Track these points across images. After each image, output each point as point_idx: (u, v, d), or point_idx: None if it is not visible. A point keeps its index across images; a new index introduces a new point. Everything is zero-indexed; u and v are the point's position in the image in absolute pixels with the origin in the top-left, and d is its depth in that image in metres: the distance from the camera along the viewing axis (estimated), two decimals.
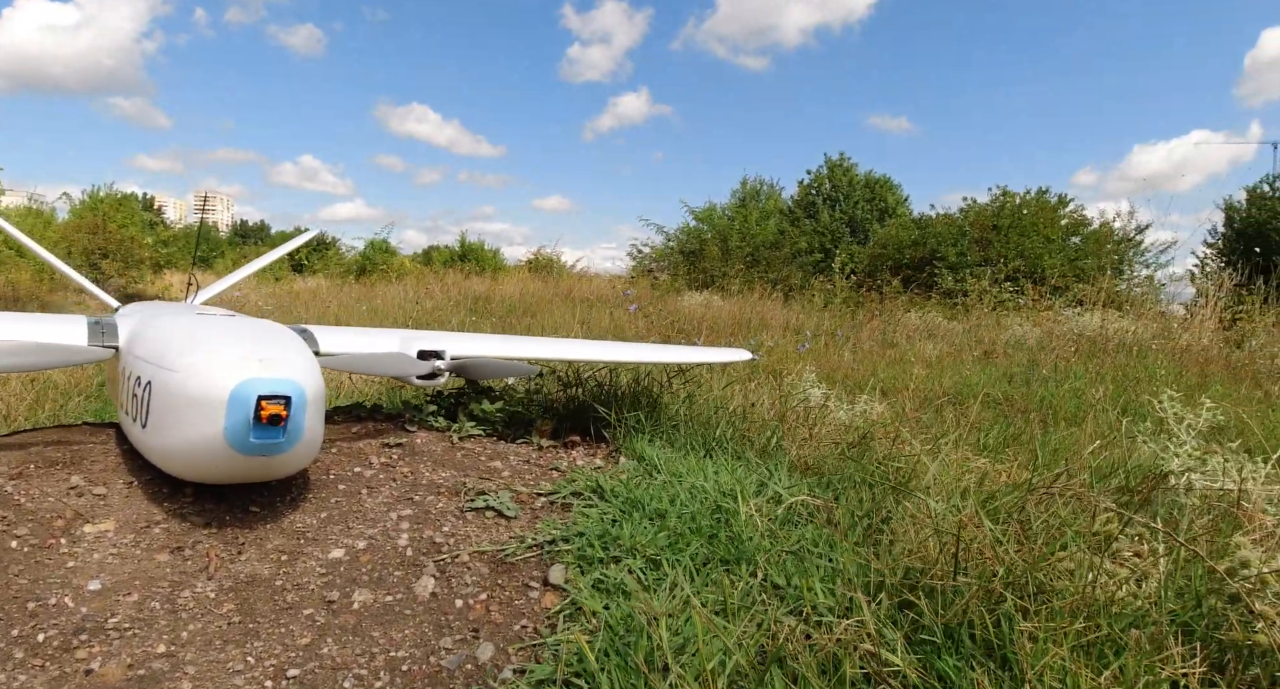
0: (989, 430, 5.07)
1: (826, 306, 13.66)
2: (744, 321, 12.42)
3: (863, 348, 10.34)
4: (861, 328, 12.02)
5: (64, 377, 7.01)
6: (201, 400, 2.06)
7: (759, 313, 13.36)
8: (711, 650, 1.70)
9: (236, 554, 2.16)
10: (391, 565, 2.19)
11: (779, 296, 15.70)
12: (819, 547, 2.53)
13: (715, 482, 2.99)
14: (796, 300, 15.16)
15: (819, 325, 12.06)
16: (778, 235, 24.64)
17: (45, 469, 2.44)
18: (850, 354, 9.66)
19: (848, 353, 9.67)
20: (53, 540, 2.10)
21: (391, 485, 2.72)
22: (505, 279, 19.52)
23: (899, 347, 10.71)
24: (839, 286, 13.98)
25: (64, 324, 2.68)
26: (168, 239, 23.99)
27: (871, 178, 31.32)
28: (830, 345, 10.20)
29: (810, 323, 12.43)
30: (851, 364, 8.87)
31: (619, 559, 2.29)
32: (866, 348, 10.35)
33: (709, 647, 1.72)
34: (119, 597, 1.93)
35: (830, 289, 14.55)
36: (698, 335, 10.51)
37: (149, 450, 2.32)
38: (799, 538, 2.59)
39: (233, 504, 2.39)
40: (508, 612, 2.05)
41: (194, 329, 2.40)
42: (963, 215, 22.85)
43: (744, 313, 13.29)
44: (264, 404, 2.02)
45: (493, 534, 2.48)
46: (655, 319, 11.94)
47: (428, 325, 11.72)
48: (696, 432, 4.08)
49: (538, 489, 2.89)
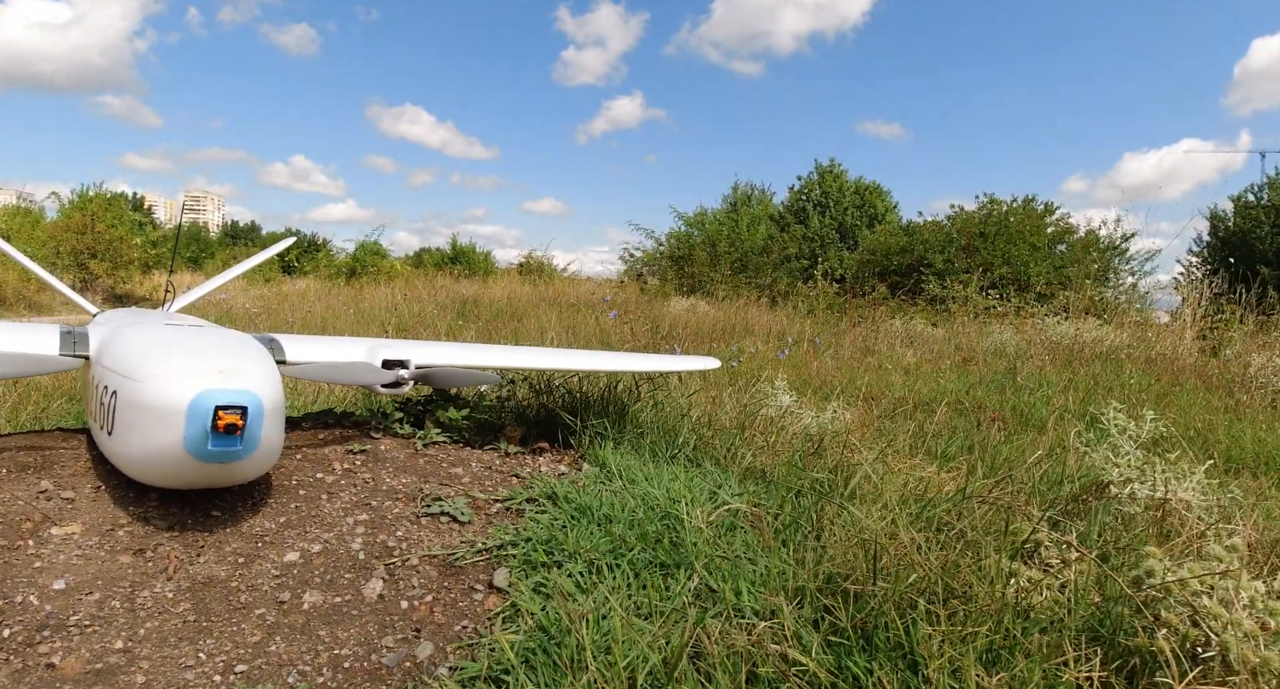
0: (950, 438, 5.20)
1: (810, 313, 13.80)
2: (728, 328, 12.56)
3: (843, 355, 10.48)
4: (844, 334, 12.18)
5: (48, 379, 7.07)
6: (162, 410, 2.17)
7: (744, 319, 13.51)
8: (626, 649, 1.82)
9: (196, 556, 2.28)
10: (343, 568, 2.31)
11: (765, 303, 15.85)
12: (752, 552, 2.65)
13: (667, 489, 3.12)
14: (782, 307, 15.32)
15: (801, 332, 12.19)
16: (767, 241, 24.81)
17: (16, 473, 2.55)
18: (831, 361, 9.79)
19: (828, 359, 9.80)
20: (21, 542, 2.21)
21: (351, 491, 2.84)
22: (494, 283, 19.62)
23: (878, 353, 10.85)
24: (822, 292, 14.12)
25: (37, 333, 2.79)
26: (157, 239, 24.01)
27: (861, 184, 31.52)
28: (811, 352, 10.34)
29: (793, 329, 12.57)
30: (830, 371, 9.00)
31: (561, 564, 2.41)
32: (847, 355, 10.49)
33: (627, 647, 1.84)
34: (81, 596, 2.04)
35: (814, 295, 14.69)
36: (680, 342, 10.63)
37: (114, 457, 2.43)
38: (740, 544, 2.71)
39: (195, 508, 2.51)
40: (450, 613, 2.17)
41: (159, 340, 2.52)
42: (950, 222, 23.06)
43: (729, 319, 13.44)
44: (221, 414, 2.13)
45: (445, 539, 2.60)
46: (639, 325, 12.06)
47: (414, 329, 11.81)
48: (660, 439, 4.21)
49: (494, 495, 3.01)
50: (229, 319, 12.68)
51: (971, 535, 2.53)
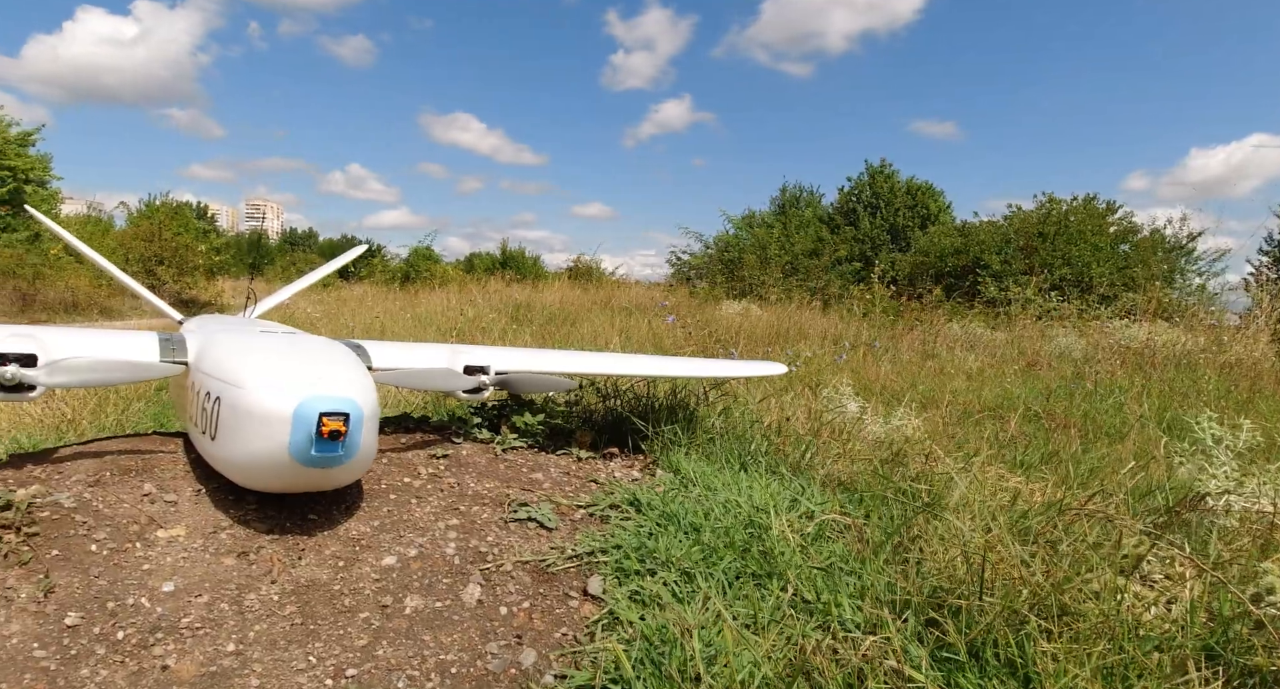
0: (1026, 447, 5.06)
1: (865, 316, 13.59)
2: (782, 331, 12.42)
3: (902, 358, 10.29)
4: (901, 338, 11.97)
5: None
6: (266, 416, 2.21)
7: (796, 322, 13.35)
8: (741, 662, 1.79)
9: (297, 559, 2.31)
10: (440, 573, 2.32)
11: (817, 306, 15.66)
12: (848, 564, 2.60)
13: (749, 497, 3.08)
14: (835, 310, 15.12)
15: (857, 335, 12.01)
16: (816, 243, 24.56)
17: (120, 477, 2.62)
18: (889, 365, 9.62)
19: (886, 363, 9.63)
20: (129, 545, 2.27)
21: (439, 495, 2.86)
22: (545, 287, 19.71)
23: (939, 357, 10.63)
24: (878, 295, 13.89)
25: (137, 340, 2.87)
26: (220, 246, 24.76)
27: (914, 184, 31.04)
28: (869, 356, 10.17)
29: (849, 333, 12.38)
30: (890, 375, 8.84)
31: (654, 572, 2.39)
32: (906, 358, 10.30)
33: (739, 659, 1.81)
34: (190, 598, 2.08)
35: (870, 298, 14.46)
36: (735, 346, 10.55)
37: (216, 461, 2.49)
38: (829, 554, 2.66)
39: (292, 512, 2.55)
40: (549, 620, 2.17)
41: (259, 347, 2.57)
42: (1007, 222, 22.55)
43: (782, 322, 13.29)
44: (325, 420, 2.17)
45: (534, 545, 2.60)
46: (693, 329, 12.01)
47: (469, 333, 11.93)
48: (732, 446, 4.17)
49: (577, 501, 3.01)
50: (291, 324, 12.98)
51: (1077, 549, 2.45)
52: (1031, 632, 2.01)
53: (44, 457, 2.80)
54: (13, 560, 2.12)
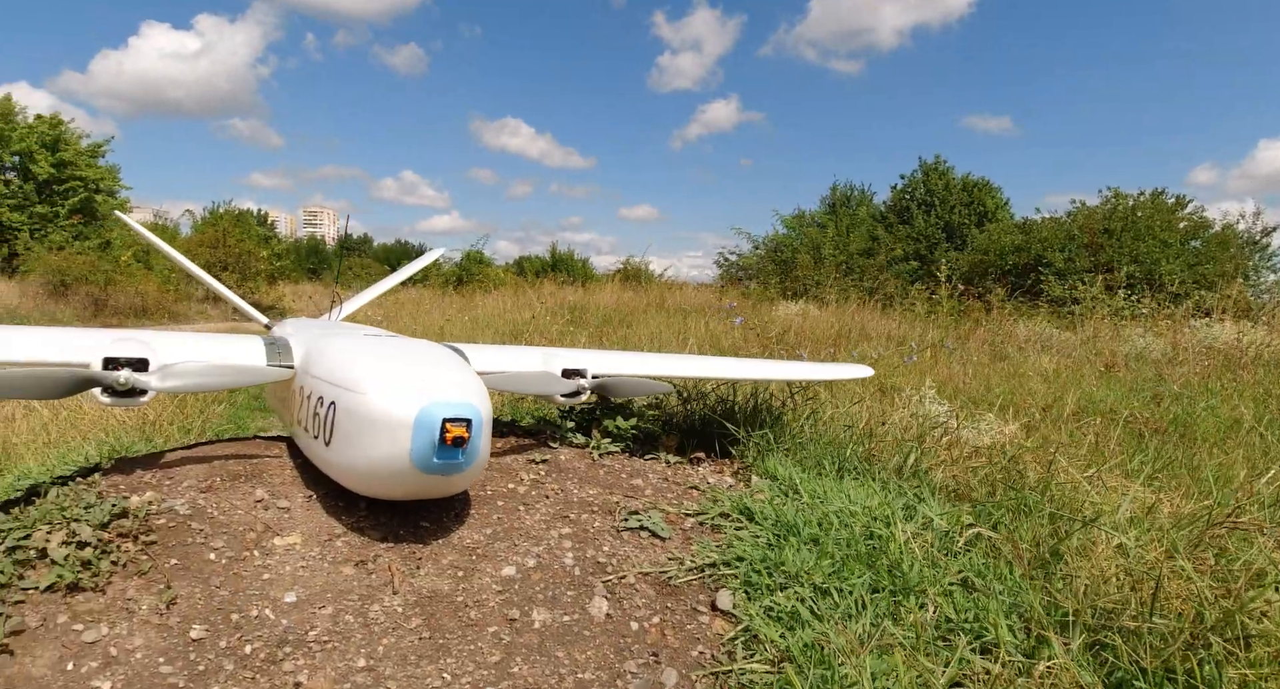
0: (1133, 453, 4.80)
1: (930, 316, 13.22)
2: (843, 332, 12.16)
3: (971, 360, 9.96)
4: (967, 338, 11.62)
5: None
6: (387, 422, 2.15)
7: (858, 323, 13.06)
8: (911, 687, 1.66)
9: (416, 569, 2.24)
10: (563, 585, 2.23)
11: (875, 306, 15.31)
12: (985, 578, 2.44)
13: (864, 506, 2.93)
14: (894, 309, 14.76)
15: (923, 336, 11.69)
16: (871, 242, 24.12)
17: (230, 483, 2.59)
18: (959, 366, 9.31)
19: (956, 365, 9.33)
20: (247, 553, 2.22)
21: (546, 502, 2.78)
22: (598, 289, 19.64)
23: (1011, 359, 10.27)
24: (943, 295, 13.50)
25: (242, 344, 2.84)
26: (281, 252, 25.31)
27: (970, 180, 30.29)
28: (937, 357, 9.85)
29: (913, 333, 12.06)
30: (963, 377, 8.55)
31: (785, 586, 2.26)
32: (975, 360, 9.96)
33: (907, 683, 1.67)
34: (314, 609, 2.02)
35: (934, 298, 14.09)
36: (799, 347, 10.32)
37: (331, 467, 2.43)
38: (960, 568, 2.51)
39: (404, 519, 2.48)
40: (682, 636, 2.05)
41: (371, 352, 2.51)
42: (1071, 219, 21.86)
43: (842, 323, 13.01)
44: (448, 426, 2.09)
45: (650, 555, 2.49)
46: (752, 330, 11.81)
47: (528, 335, 11.89)
48: (825, 450, 4.02)
49: (684, 509, 2.90)
50: None
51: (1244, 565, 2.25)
52: (1217, 655, 1.84)
53: (150, 461, 2.79)
54: (132, 570, 2.09)
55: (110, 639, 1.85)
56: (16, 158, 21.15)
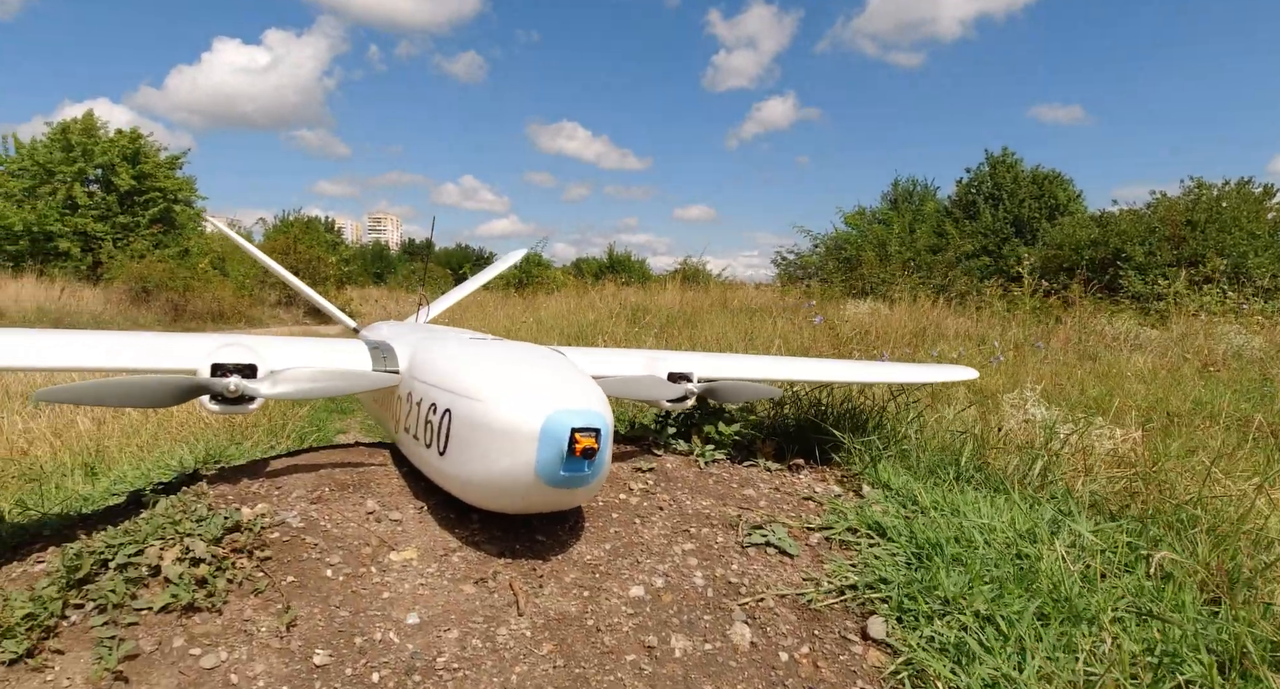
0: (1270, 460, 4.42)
1: (1010, 313, 12.66)
2: (917, 331, 11.73)
3: (1056, 359, 9.46)
4: (1050, 337, 11.10)
5: None
6: (511, 432, 2.00)
7: (931, 321, 12.61)
8: None
9: (538, 588, 2.09)
10: (697, 608, 2.06)
11: (946, 303, 14.78)
12: (1158, 604, 2.19)
13: (1005, 521, 2.69)
14: (965, 307, 14.23)
15: (1003, 335, 11.20)
16: (938, 238, 23.46)
17: (339, 493, 2.48)
18: (1045, 366, 8.81)
19: (1043, 365, 8.84)
20: (363, 569, 2.10)
21: (661, 515, 2.61)
22: (658, 290, 19.44)
23: (1102, 358, 9.75)
24: (1025, 291, 12.92)
25: (346, 349, 2.75)
26: (348, 258, 25.81)
27: (1039, 173, 29.27)
28: (1020, 357, 9.36)
29: (992, 332, 11.56)
30: (1054, 378, 8.08)
31: (942, 613, 2.05)
32: (1061, 359, 9.47)
33: None
34: (439, 632, 1.89)
35: (1016, 294, 13.53)
36: (873, 347, 9.95)
37: (445, 477, 2.31)
38: (1124, 591, 2.26)
39: (518, 533, 2.35)
40: (837, 669, 1.86)
41: (486, 356, 2.38)
42: (1151, 210, 20.91)
43: (915, 322, 12.56)
44: (577, 437, 1.94)
45: (781, 574, 2.31)
46: (823, 329, 11.46)
47: (591, 336, 11.76)
48: (936, 458, 3.77)
49: (808, 523, 2.70)
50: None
51: None
52: None
53: (252, 470, 2.71)
54: (248, 589, 1.99)
55: (230, 665, 1.74)
56: (99, 170, 21.98)
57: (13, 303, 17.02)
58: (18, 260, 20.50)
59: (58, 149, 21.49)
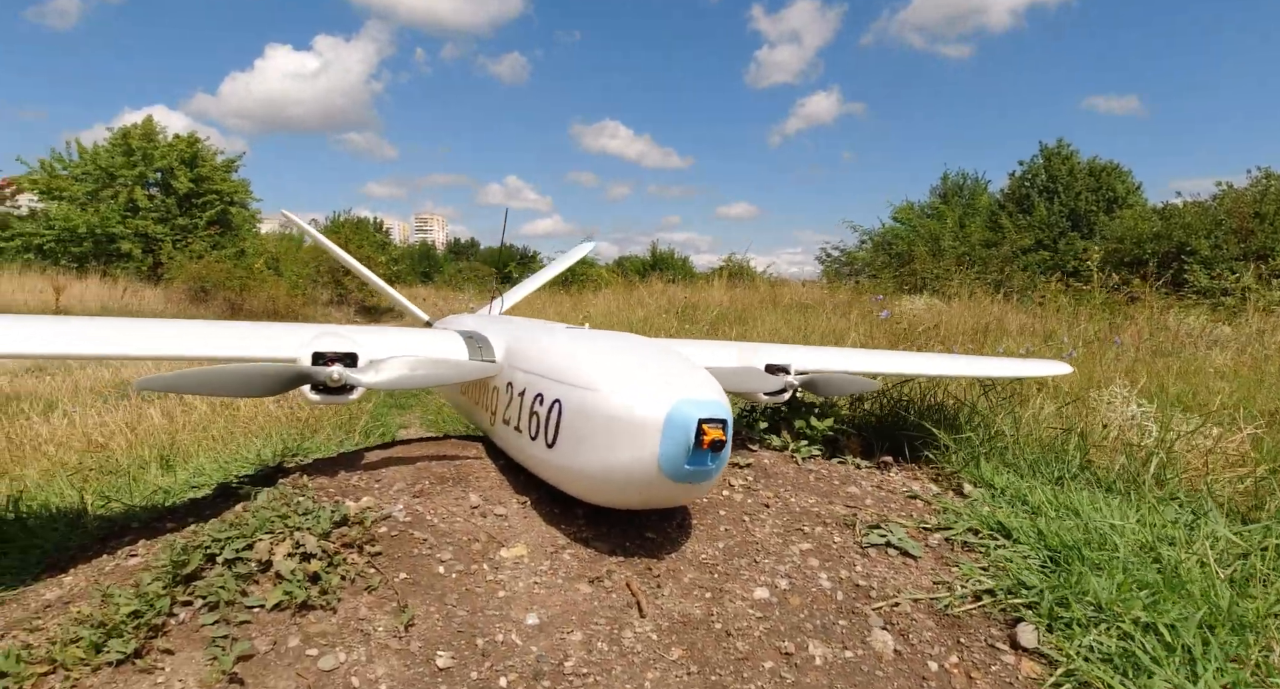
0: None
1: (1077, 308, 12.20)
2: (980, 327, 11.37)
3: (1129, 356, 9.07)
4: (1120, 333, 10.68)
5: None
6: (631, 423, 1.90)
7: (993, 317, 12.24)
8: None
9: (657, 588, 1.99)
10: (829, 612, 1.93)
11: (1003, 299, 14.34)
12: None
13: (1140, 523, 2.51)
14: (1026, 302, 13.79)
15: (1070, 330, 10.80)
16: (992, 233, 22.91)
17: (439, 486, 2.41)
18: (1120, 363, 8.43)
19: (1116, 362, 8.46)
20: (475, 566, 2.02)
21: (768, 513, 2.49)
22: (705, 287, 19.24)
23: (1176, 355, 9.32)
24: (1096, 286, 12.45)
25: (441, 339, 2.68)
26: (397, 257, 26.11)
27: (1096, 164, 28.41)
28: (1092, 354, 8.97)
29: (1059, 328, 11.15)
30: (1126, 374, 7.69)
31: (1095, 621, 1.89)
32: (1134, 355, 9.07)
33: None
34: (563, 634, 1.79)
35: (1084, 289, 13.08)
36: (936, 343, 9.63)
37: (553, 470, 2.21)
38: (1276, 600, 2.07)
39: (627, 530, 2.24)
40: (991, 679, 1.72)
41: (596, 347, 2.28)
42: (1217, 202, 20.14)
43: (975, 317, 12.19)
44: (706, 428, 1.82)
45: (907, 577, 2.17)
46: (880, 324, 11.17)
47: (644, 333, 11.58)
48: (1038, 456, 3.58)
49: (923, 523, 2.55)
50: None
51: None
52: None
53: (343, 463, 2.65)
54: (361, 585, 1.91)
55: (350, 667, 1.66)
56: (159, 173, 22.54)
57: (78, 303, 17.52)
58: (81, 262, 21.11)
59: (119, 154, 22.08)
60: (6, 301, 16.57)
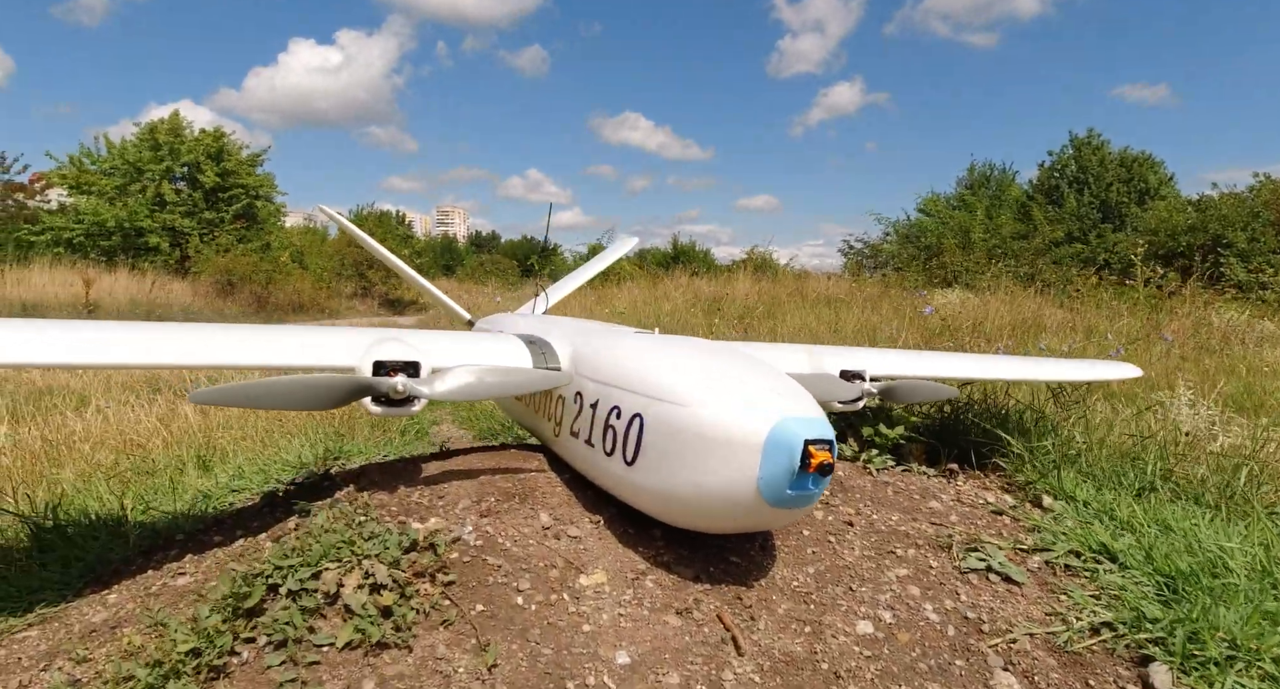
0: None
1: (1116, 304, 11.86)
2: (1017, 323, 11.08)
3: (1175, 354, 8.77)
4: (1165, 330, 10.36)
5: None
6: (729, 443, 1.75)
7: (1032, 313, 11.93)
8: None
9: (750, 621, 1.84)
10: (942, 650, 1.78)
11: (1037, 293, 13.98)
12: None
13: (1256, 543, 2.34)
14: (1061, 297, 13.45)
15: (1113, 325, 10.49)
16: (1022, 225, 22.49)
17: (506, 503, 2.27)
18: (1167, 362, 8.13)
19: (1164, 360, 8.16)
20: (555, 596, 1.88)
21: (854, 532, 2.33)
22: (730, 280, 18.97)
23: (1223, 352, 9.02)
24: (1139, 281, 12.10)
25: (503, 345, 2.53)
26: (420, 250, 26.07)
27: (1128, 155, 27.86)
28: (1136, 352, 8.65)
29: (1100, 324, 10.82)
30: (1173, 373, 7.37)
31: (1230, 657, 1.73)
32: (1180, 354, 8.78)
33: None
34: (658, 676, 1.65)
35: (1125, 285, 12.76)
36: (975, 340, 9.37)
37: (633, 490, 2.07)
38: None
39: (709, 554, 2.10)
40: None
41: (678, 355, 2.13)
42: (1254, 194, 19.64)
43: (1012, 313, 11.88)
44: (812, 450, 1.67)
45: (1015, 606, 2.01)
46: (914, 320, 10.86)
47: (672, 328, 11.35)
48: (1115, 465, 3.40)
49: (1019, 544, 2.39)
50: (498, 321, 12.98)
51: None
52: None
53: (404, 475, 2.52)
54: (436, 620, 1.77)
55: None
56: (186, 168, 22.60)
57: (107, 296, 17.60)
58: (110, 255, 21.23)
59: (146, 148, 22.15)
60: (38, 295, 16.68)
